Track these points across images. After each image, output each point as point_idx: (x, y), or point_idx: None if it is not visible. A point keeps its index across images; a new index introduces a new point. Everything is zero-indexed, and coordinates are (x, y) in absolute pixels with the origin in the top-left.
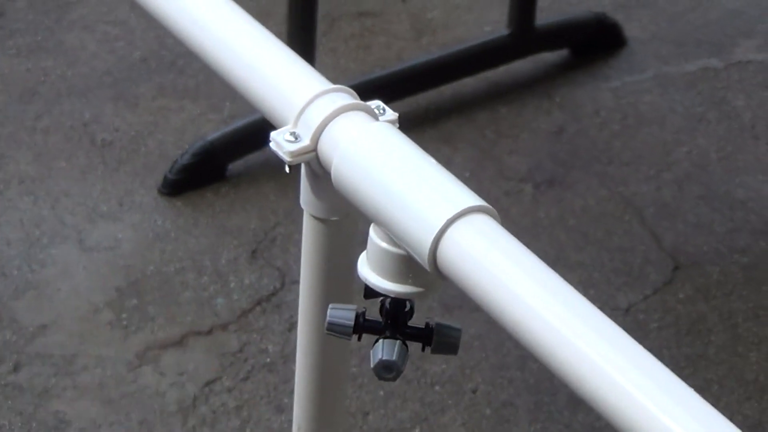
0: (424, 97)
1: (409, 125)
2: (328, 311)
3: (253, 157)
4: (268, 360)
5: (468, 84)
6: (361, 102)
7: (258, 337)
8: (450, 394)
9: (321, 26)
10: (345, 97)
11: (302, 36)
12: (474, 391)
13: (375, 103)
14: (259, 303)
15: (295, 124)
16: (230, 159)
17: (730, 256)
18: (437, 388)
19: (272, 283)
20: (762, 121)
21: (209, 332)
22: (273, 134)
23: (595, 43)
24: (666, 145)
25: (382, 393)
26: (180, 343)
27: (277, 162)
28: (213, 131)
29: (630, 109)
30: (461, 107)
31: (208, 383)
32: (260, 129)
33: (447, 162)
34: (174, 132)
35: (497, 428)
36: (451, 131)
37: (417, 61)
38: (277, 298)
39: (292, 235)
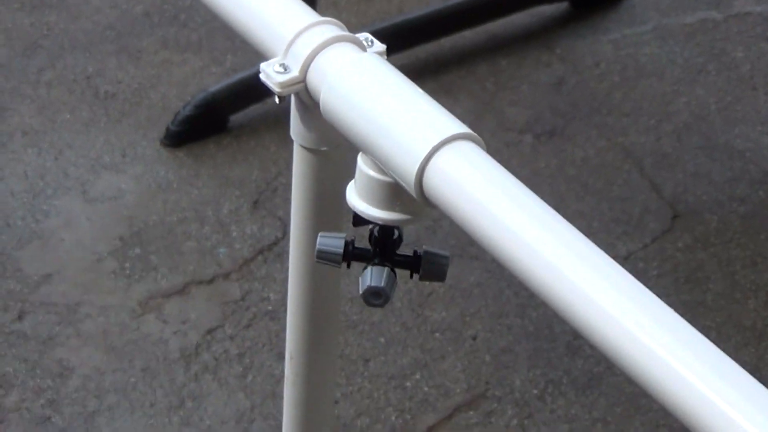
0: (424, 49)
1: (410, 77)
2: (318, 239)
3: (254, 109)
4: (270, 308)
5: (468, 36)
6: (350, 34)
7: (260, 285)
8: (450, 340)
9: None
10: (334, 29)
11: None
12: (474, 338)
13: (363, 35)
14: (260, 252)
15: (285, 55)
16: (232, 111)
17: (729, 205)
18: (437, 335)
19: (274, 232)
20: (760, 73)
21: (211, 281)
22: (262, 65)
23: None
24: (665, 96)
25: (382, 340)
26: (182, 291)
27: (277, 113)
28: (215, 83)
29: (630, 61)
30: (461, 59)
31: (210, 331)
32: (261, 81)
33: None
34: (176, 85)
35: (496, 374)
36: (451, 83)
37: (417, 14)
38: (278, 247)
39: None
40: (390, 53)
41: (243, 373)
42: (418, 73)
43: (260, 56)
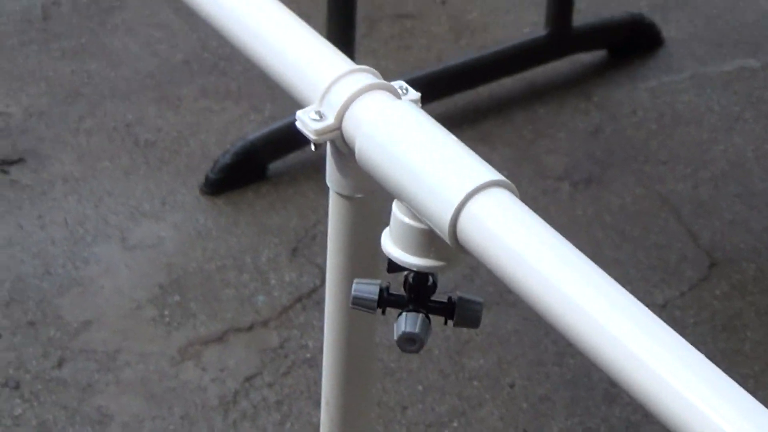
0: (462, 97)
1: (447, 125)
2: (353, 285)
3: (293, 157)
4: (308, 356)
5: (506, 84)
6: (384, 81)
7: (298, 333)
8: (487, 388)
9: (361, 28)
10: (368, 77)
11: (342, 38)
12: (511, 386)
13: (398, 83)
14: (299, 300)
15: (320, 103)
16: (271, 159)
17: (767, 253)
18: (475, 382)
19: (312, 280)
20: None
21: (250, 329)
22: (299, 113)
23: (633, 43)
24: (703, 144)
25: (420, 387)
26: (221, 339)
27: (316, 161)
28: (254, 131)
29: (667, 109)
30: (499, 107)
31: (248, 378)
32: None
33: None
34: (216, 132)
35: (534, 422)
36: (489, 131)
37: (455, 62)
38: (317, 294)
39: None
40: (428, 101)
41: (281, 420)
42: (455, 121)
43: (299, 105)
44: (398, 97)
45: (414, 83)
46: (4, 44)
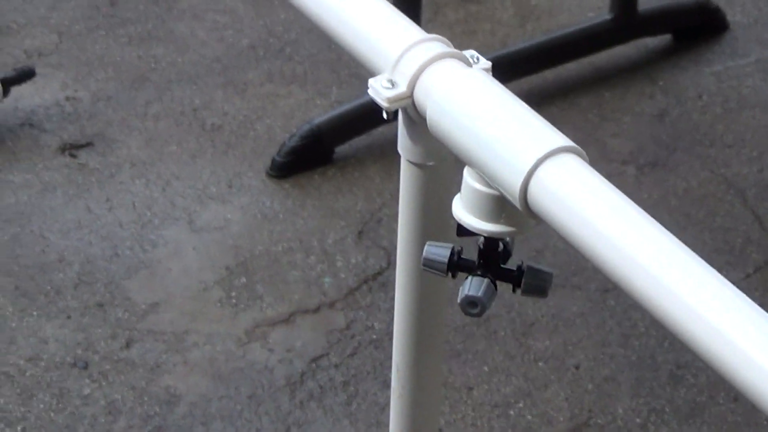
0: (528, 81)
1: None
2: (425, 248)
3: (359, 141)
4: (375, 337)
5: (571, 69)
6: (456, 50)
7: (364, 314)
8: (553, 369)
9: (426, 13)
10: (440, 45)
11: None
12: (576, 367)
13: (469, 52)
14: (365, 282)
15: (392, 71)
16: (337, 142)
17: None
18: (540, 363)
19: (378, 262)
20: None
21: (317, 310)
22: (371, 81)
23: (698, 27)
24: None
25: (486, 368)
26: (288, 320)
27: (382, 144)
28: (320, 115)
29: (732, 93)
30: (565, 92)
31: (315, 359)
32: (366, 113)
33: None
34: (282, 117)
35: (599, 403)
36: (554, 115)
37: (521, 46)
38: (383, 277)
39: (398, 216)
40: None
41: (348, 401)
42: None
43: (364, 90)
44: (469, 65)
45: None
46: (72, 30)
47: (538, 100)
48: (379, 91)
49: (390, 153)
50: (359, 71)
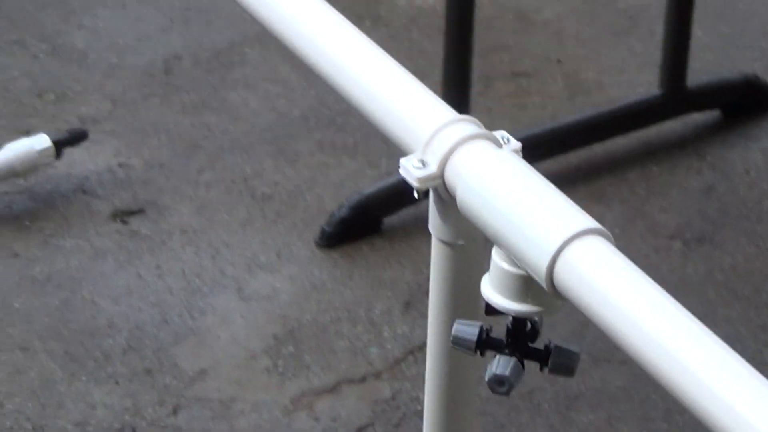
0: (577, 155)
1: (561, 183)
2: (454, 326)
3: (407, 212)
4: (419, 408)
5: (620, 143)
6: (486, 131)
7: (410, 385)
8: None
9: (477, 86)
10: (471, 126)
11: (458, 96)
12: None
13: (500, 133)
14: (411, 352)
15: (424, 151)
16: (385, 213)
17: None
18: None
19: (424, 333)
20: None
21: (362, 380)
22: (402, 161)
23: (746, 103)
24: None
25: None
26: (334, 390)
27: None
28: (369, 186)
29: None
30: (613, 165)
31: (360, 429)
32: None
33: (598, 219)
34: (332, 186)
35: None
36: (603, 189)
37: (570, 120)
38: None
39: None
40: (542, 159)
41: None
42: (570, 179)
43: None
44: (499, 146)
45: (529, 141)
46: (127, 97)
47: (586, 174)
48: (411, 171)
49: None
50: None
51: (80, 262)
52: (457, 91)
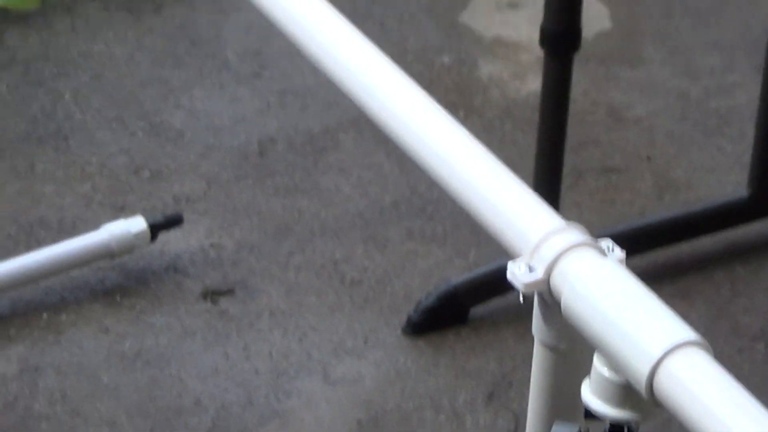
0: (663, 252)
1: (647, 280)
2: (552, 427)
3: (494, 302)
4: None
5: (707, 242)
6: (592, 240)
7: None
8: None
9: (567, 180)
10: (577, 234)
11: (548, 190)
12: None
13: (605, 242)
14: None
15: (531, 256)
16: (473, 303)
17: None
18: None
19: (507, 425)
20: None
21: None
22: (510, 264)
23: None
24: None
25: None
26: None
27: (517, 308)
28: (457, 276)
29: None
30: (699, 264)
31: None
32: (503, 276)
33: (682, 317)
34: (420, 274)
35: None
36: (688, 287)
37: (658, 218)
38: None
39: (529, 379)
40: (629, 255)
41: None
42: (656, 276)
43: (502, 252)
44: (604, 255)
45: (617, 237)
46: (221, 178)
47: (672, 272)
48: (518, 275)
49: (524, 316)
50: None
51: (169, 339)
52: (547, 185)
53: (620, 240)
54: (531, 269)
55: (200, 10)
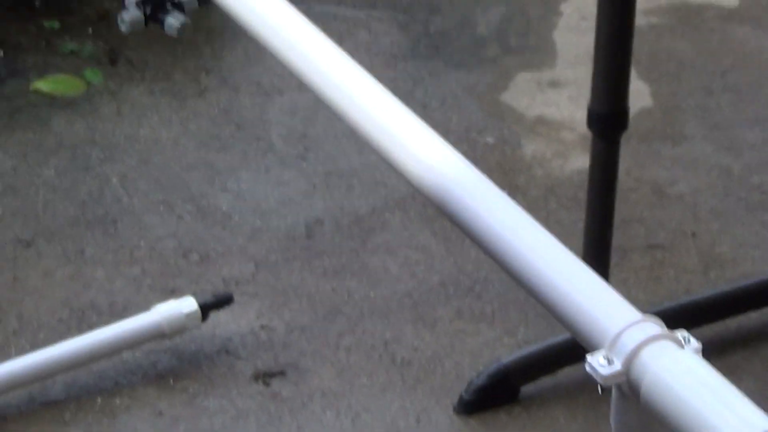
0: (710, 328)
1: None
2: None
3: (544, 380)
4: None
5: (754, 318)
6: (669, 332)
7: None
8: None
9: (613, 258)
10: (655, 326)
11: (596, 267)
12: None
13: (681, 333)
14: None
15: (609, 349)
16: (523, 381)
17: None
18: None
19: None
20: None
21: None
22: (588, 358)
23: None
24: None
25: None
26: None
27: (567, 386)
28: (507, 354)
29: None
30: (747, 341)
31: None
32: (553, 354)
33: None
34: (470, 354)
35: None
36: (735, 363)
37: (705, 295)
38: None
39: None
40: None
41: None
42: (703, 353)
43: (550, 331)
44: (681, 346)
45: (664, 314)
46: (269, 260)
47: (719, 348)
48: (597, 368)
49: (575, 394)
50: (546, 312)
51: (223, 422)
52: (596, 263)
53: (668, 317)
54: (610, 362)
55: (243, 93)
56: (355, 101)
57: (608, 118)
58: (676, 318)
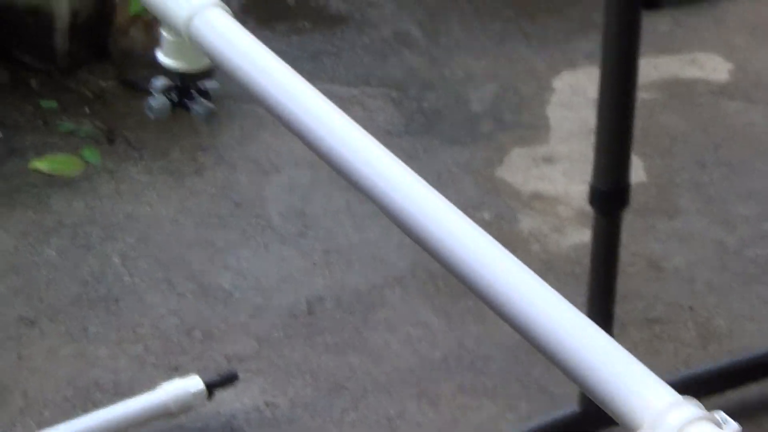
0: (711, 401)
1: None
2: None
3: None
4: None
5: (754, 390)
6: (708, 413)
7: None
8: None
9: (616, 328)
10: (694, 408)
11: None
12: None
13: (720, 414)
14: None
15: (652, 429)
16: None
17: None
18: None
19: None
20: None
21: None
22: None
23: None
24: None
25: None
26: None
27: None
28: (510, 429)
29: None
30: (747, 412)
31: None
32: (556, 429)
33: None
34: (473, 429)
35: None
36: None
37: (704, 368)
38: None
39: None
40: None
41: None
42: None
43: (553, 404)
44: (720, 428)
45: None
46: (271, 337)
47: None
48: None
49: None
50: (547, 386)
51: None
52: None
53: None
54: None
55: (241, 170)
56: (381, 181)
57: (610, 195)
58: (677, 391)
